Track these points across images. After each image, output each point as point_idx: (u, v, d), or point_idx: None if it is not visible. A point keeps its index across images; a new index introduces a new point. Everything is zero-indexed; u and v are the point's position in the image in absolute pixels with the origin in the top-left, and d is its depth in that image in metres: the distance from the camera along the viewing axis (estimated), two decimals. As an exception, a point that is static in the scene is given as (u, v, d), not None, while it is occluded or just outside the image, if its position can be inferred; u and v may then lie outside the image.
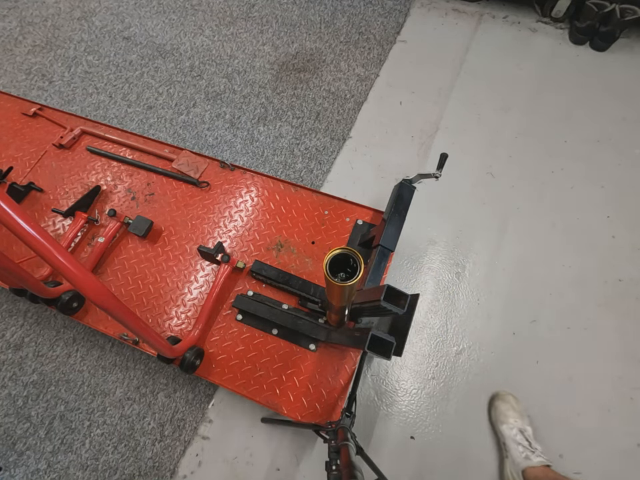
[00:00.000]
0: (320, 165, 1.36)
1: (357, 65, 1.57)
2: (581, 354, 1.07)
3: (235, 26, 1.71)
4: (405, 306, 0.55)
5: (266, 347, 0.94)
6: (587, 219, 1.24)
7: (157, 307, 1.00)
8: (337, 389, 0.90)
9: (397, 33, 1.64)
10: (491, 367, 1.07)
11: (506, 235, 1.23)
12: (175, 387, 1.06)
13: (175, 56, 1.64)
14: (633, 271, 1.16)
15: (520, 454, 0.90)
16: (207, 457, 1.00)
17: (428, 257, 1.21)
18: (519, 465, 0.90)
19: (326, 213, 1.08)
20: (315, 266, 1.02)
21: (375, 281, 0.86)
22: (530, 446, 0.90)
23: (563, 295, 1.14)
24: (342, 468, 0.59)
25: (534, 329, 1.11)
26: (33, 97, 1.54)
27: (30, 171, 1.18)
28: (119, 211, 1.09)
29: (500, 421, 0.97)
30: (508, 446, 0.93)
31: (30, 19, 1.77)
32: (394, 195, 0.92)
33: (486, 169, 1.33)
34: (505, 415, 0.97)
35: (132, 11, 1.78)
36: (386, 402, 1.04)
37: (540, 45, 1.58)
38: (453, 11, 1.68)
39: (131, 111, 1.51)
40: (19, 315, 1.17)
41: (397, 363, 1.09)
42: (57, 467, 1.00)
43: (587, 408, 1.02)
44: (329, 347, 0.93)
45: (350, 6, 1.74)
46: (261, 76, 1.56)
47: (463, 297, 1.16)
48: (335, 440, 0.69)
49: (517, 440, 0.92)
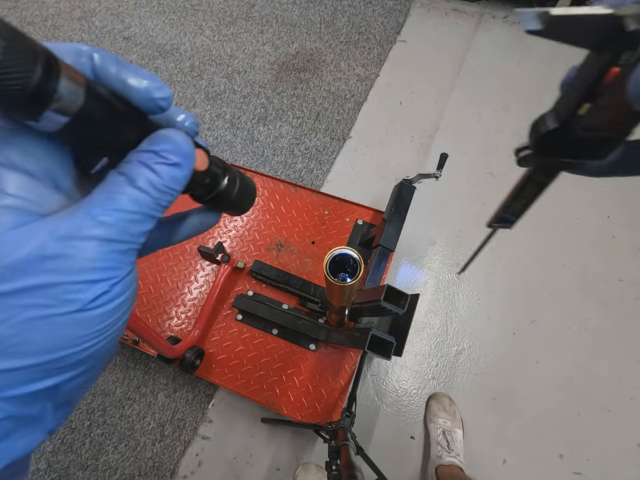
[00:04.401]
0: (320, 165, 1.36)
1: (357, 64, 1.57)
2: (581, 354, 1.07)
3: (235, 26, 1.71)
4: (405, 306, 0.55)
5: (266, 347, 0.94)
6: (587, 218, 1.24)
7: (157, 306, 1.00)
8: (337, 389, 0.90)
9: (397, 33, 1.64)
10: (491, 366, 1.07)
11: (506, 234, 1.23)
12: (175, 387, 1.06)
13: (174, 56, 1.64)
14: (633, 270, 1.16)
15: (437, 453, 0.92)
16: (207, 456, 1.00)
17: (428, 257, 1.21)
18: (433, 463, 0.92)
19: (326, 212, 1.08)
20: (315, 266, 1.02)
21: (375, 281, 0.86)
22: (448, 447, 0.92)
23: (563, 295, 1.14)
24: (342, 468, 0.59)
25: (534, 328, 1.11)
26: (33, 96, 1.54)
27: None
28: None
29: (429, 419, 0.99)
30: (430, 444, 0.96)
31: (30, 19, 1.77)
32: (394, 195, 0.92)
33: (486, 169, 1.33)
34: (435, 414, 0.98)
35: (132, 11, 1.78)
36: (386, 402, 1.04)
37: (540, 44, 1.58)
38: (453, 11, 1.68)
39: (131, 110, 1.51)
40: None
41: (397, 362, 1.09)
42: (57, 467, 1.01)
43: (587, 408, 1.02)
44: (329, 347, 0.93)
45: (350, 6, 1.74)
46: (261, 76, 1.56)
47: (462, 296, 1.16)
48: (335, 440, 0.69)
49: (438, 440, 0.94)
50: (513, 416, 1.02)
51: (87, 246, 0.14)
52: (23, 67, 0.12)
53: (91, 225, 0.14)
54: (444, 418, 0.97)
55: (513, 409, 1.03)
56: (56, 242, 0.13)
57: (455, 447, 0.92)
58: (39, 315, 0.13)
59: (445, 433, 0.95)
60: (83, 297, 0.14)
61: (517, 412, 1.02)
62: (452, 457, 0.91)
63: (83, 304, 0.14)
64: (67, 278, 0.13)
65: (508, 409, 1.03)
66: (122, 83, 0.15)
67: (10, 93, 0.12)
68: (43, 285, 0.13)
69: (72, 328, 0.14)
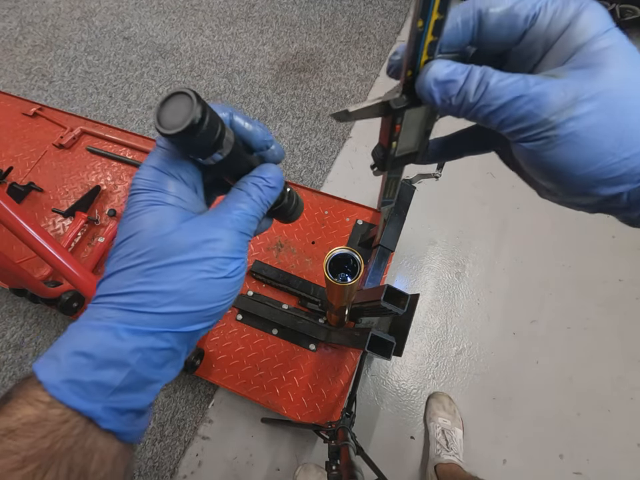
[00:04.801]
0: (320, 165, 1.36)
1: (357, 65, 1.57)
2: (581, 354, 1.07)
3: (235, 26, 1.71)
4: (405, 306, 0.55)
5: (266, 347, 0.94)
6: (587, 218, 1.24)
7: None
8: (337, 389, 0.90)
9: (397, 33, 1.64)
10: (491, 366, 1.07)
11: (506, 234, 1.23)
12: (174, 387, 1.06)
13: (175, 56, 1.64)
14: (633, 271, 1.16)
15: (435, 451, 0.93)
16: (207, 456, 1.00)
17: (428, 257, 1.21)
18: (432, 462, 0.93)
19: (326, 212, 1.08)
20: (315, 266, 1.02)
21: (375, 281, 0.86)
22: (446, 445, 0.92)
23: (563, 295, 1.14)
24: (342, 468, 0.59)
25: (534, 328, 1.11)
26: (33, 97, 1.54)
27: (30, 170, 1.18)
28: (119, 211, 1.09)
29: (429, 418, 0.99)
30: (430, 443, 0.96)
31: (30, 19, 1.77)
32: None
33: (486, 169, 1.33)
34: (435, 413, 0.98)
35: (132, 11, 1.78)
36: (386, 402, 1.04)
37: (540, 44, 1.58)
38: (453, 11, 1.68)
39: (131, 111, 1.51)
40: (19, 314, 1.17)
41: (397, 362, 1.09)
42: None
43: (587, 408, 1.02)
44: (329, 347, 0.93)
45: (350, 6, 1.74)
46: (261, 76, 1.56)
47: (463, 296, 1.16)
48: (335, 440, 0.69)
49: (437, 439, 0.94)
50: (513, 416, 1.02)
51: (231, 235, 0.22)
52: (214, 132, 0.20)
53: (231, 222, 0.22)
54: (443, 417, 0.97)
55: (513, 409, 1.03)
56: (214, 231, 0.21)
57: (453, 446, 0.93)
58: (203, 277, 0.20)
59: (444, 432, 0.95)
60: (228, 267, 0.21)
61: (517, 412, 1.02)
62: (450, 455, 0.91)
63: (227, 272, 0.21)
64: (220, 254, 0.21)
65: (508, 409, 1.03)
66: (247, 130, 0.24)
67: (203, 148, 0.20)
68: (206, 257, 0.20)
69: (220, 288, 0.21)
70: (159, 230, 0.20)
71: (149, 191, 0.21)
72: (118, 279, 0.20)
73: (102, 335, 0.19)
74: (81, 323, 0.20)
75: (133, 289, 0.20)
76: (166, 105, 0.20)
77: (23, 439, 0.17)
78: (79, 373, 0.18)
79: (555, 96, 0.16)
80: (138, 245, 0.20)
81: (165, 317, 0.20)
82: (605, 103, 0.16)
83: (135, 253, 0.20)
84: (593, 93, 0.16)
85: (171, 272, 0.20)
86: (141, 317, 0.19)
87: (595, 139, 0.16)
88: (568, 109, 0.16)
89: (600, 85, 0.16)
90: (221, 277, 0.21)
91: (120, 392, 0.19)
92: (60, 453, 0.18)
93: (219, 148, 0.21)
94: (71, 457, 0.18)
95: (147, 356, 0.20)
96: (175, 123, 0.19)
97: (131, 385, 0.19)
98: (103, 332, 0.19)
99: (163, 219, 0.20)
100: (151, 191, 0.21)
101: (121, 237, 0.21)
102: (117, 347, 0.19)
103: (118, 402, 0.19)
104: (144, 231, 0.20)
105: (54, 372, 0.18)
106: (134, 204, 0.21)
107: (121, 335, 0.19)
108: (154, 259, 0.20)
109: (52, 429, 0.18)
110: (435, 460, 0.92)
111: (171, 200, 0.21)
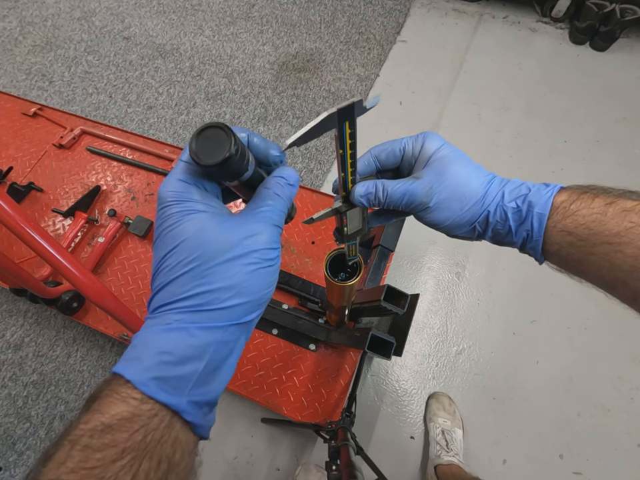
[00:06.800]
0: (320, 165, 1.36)
1: (357, 64, 1.57)
2: (581, 354, 1.07)
3: (235, 26, 1.71)
4: (405, 306, 0.55)
5: (266, 347, 0.94)
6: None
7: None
8: (337, 389, 0.90)
9: (397, 33, 1.64)
10: (491, 366, 1.07)
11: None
12: (175, 387, 1.06)
13: (175, 56, 1.64)
14: (633, 270, 1.16)
15: (435, 452, 0.93)
16: (206, 456, 1.00)
17: (428, 257, 1.21)
18: (432, 462, 0.93)
19: (326, 212, 1.08)
20: (315, 266, 1.02)
21: (375, 281, 0.86)
22: (446, 446, 0.92)
23: (563, 295, 1.14)
24: (342, 468, 0.59)
25: (534, 328, 1.11)
26: (33, 97, 1.54)
27: (30, 170, 1.18)
28: (119, 211, 1.09)
29: (429, 418, 1.00)
30: (430, 443, 0.96)
31: (30, 19, 1.77)
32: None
33: (486, 169, 1.33)
34: (435, 413, 0.99)
35: (132, 11, 1.78)
36: (386, 402, 1.04)
37: (540, 44, 1.58)
38: (453, 11, 1.68)
39: (131, 110, 1.51)
40: (19, 314, 1.17)
41: (397, 362, 1.09)
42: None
43: (587, 408, 1.02)
44: (329, 347, 0.93)
45: (350, 6, 1.74)
46: (261, 76, 1.56)
47: (462, 296, 1.16)
48: (335, 440, 0.69)
49: (437, 439, 0.94)
50: (513, 416, 1.02)
51: (267, 228, 0.24)
52: (243, 161, 0.24)
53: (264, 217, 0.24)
54: (443, 417, 0.97)
55: (513, 409, 1.03)
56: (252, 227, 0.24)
57: (454, 447, 0.92)
58: (252, 269, 0.23)
59: (444, 432, 0.95)
60: (271, 256, 0.24)
61: (517, 412, 1.02)
62: (450, 456, 0.91)
63: (271, 262, 0.24)
64: (262, 246, 0.23)
65: (508, 409, 1.03)
66: (265, 150, 0.27)
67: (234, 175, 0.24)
68: (251, 251, 0.23)
69: (267, 276, 0.24)
70: (202, 235, 0.22)
71: (180, 202, 0.23)
72: (173, 287, 0.22)
73: (176, 335, 0.21)
74: (147, 331, 0.22)
75: (192, 292, 0.22)
76: (201, 136, 0.22)
77: (119, 433, 0.19)
78: (162, 370, 0.21)
79: (421, 189, 0.30)
80: (186, 252, 0.22)
81: (229, 310, 0.22)
82: (448, 186, 0.30)
83: (185, 260, 0.22)
84: (441, 182, 0.30)
85: (224, 269, 0.22)
86: (208, 315, 0.22)
87: (448, 206, 0.31)
88: (430, 194, 0.30)
89: (444, 178, 0.31)
90: (266, 266, 0.24)
91: (197, 386, 0.21)
92: (152, 444, 0.20)
93: (245, 172, 0.24)
94: (161, 448, 0.20)
95: (217, 349, 0.22)
96: (212, 156, 0.22)
97: (205, 378, 0.22)
98: (177, 333, 0.21)
99: (202, 225, 0.23)
100: (182, 202, 0.23)
101: (165, 249, 0.23)
102: (192, 343, 0.21)
103: (196, 395, 0.21)
104: (189, 239, 0.22)
105: (140, 371, 0.21)
106: (169, 216, 0.23)
107: (194, 333, 0.21)
108: (205, 262, 0.22)
109: (143, 423, 0.20)
110: (435, 460, 0.92)
111: (202, 207, 0.23)
